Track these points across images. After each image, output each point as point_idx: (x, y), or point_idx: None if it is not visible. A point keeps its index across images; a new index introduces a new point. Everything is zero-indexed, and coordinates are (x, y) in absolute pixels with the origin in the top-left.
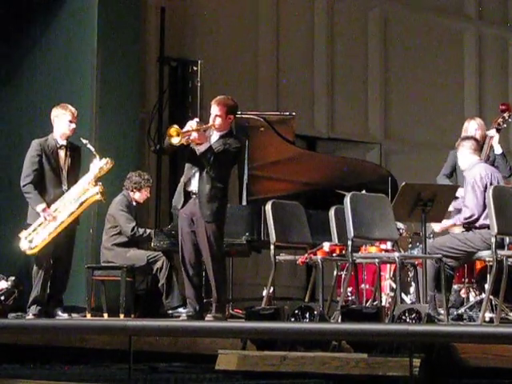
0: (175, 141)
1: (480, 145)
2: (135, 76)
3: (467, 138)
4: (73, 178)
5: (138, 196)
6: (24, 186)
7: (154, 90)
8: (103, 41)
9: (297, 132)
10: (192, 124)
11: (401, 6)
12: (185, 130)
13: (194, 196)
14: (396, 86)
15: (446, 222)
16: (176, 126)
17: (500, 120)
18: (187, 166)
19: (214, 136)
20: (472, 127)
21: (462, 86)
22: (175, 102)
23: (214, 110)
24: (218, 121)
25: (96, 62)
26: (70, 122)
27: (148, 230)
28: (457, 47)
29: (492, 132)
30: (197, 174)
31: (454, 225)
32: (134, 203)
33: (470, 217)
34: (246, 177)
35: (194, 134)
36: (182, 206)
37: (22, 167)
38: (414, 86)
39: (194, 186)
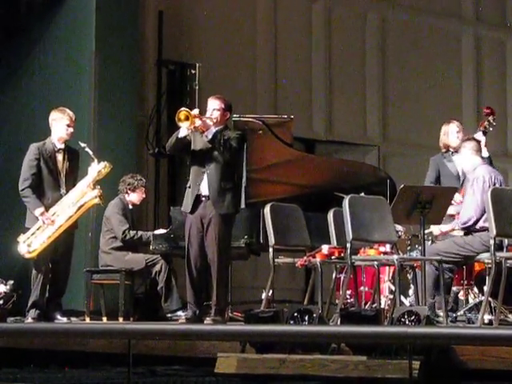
0: (185, 125)
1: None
2: (133, 79)
3: (468, 139)
4: (71, 182)
5: (134, 197)
6: (22, 189)
7: (152, 93)
8: (101, 44)
9: (295, 134)
10: (195, 112)
11: (399, 8)
12: (194, 113)
13: (205, 199)
14: (394, 89)
15: (445, 227)
16: (185, 109)
17: (486, 123)
18: (194, 169)
19: (211, 131)
20: (453, 130)
21: (459, 88)
22: (173, 105)
23: (213, 104)
24: (216, 114)
25: (94, 66)
26: (68, 125)
27: (140, 232)
28: (455, 50)
29: (479, 135)
30: (205, 176)
31: (453, 229)
32: (131, 206)
33: (468, 221)
34: (244, 180)
35: (199, 122)
36: (192, 210)
37: (20, 171)
38: (412, 89)
39: (204, 189)
